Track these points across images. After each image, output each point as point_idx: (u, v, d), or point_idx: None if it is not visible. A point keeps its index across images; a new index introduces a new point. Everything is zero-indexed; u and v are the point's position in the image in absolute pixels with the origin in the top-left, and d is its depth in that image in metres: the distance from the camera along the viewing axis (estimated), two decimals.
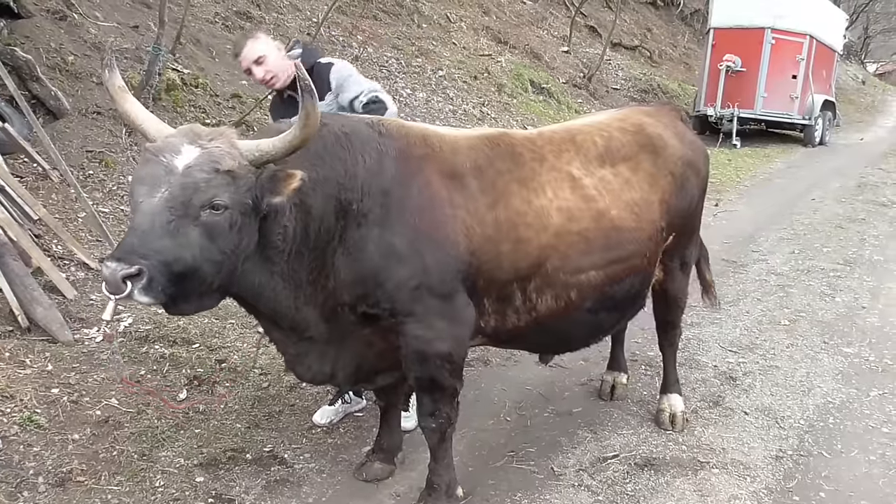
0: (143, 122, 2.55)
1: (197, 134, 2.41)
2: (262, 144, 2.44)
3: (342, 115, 3.29)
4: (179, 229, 2.29)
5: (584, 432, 3.88)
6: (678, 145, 3.54)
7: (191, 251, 2.31)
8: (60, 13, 7.19)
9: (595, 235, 3.11)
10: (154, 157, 2.34)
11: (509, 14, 16.57)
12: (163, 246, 2.26)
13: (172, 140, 2.38)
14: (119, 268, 2.19)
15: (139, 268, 2.20)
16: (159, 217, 2.26)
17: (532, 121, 12.04)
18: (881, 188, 11.26)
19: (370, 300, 2.75)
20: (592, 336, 3.48)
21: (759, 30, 15.23)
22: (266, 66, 3.46)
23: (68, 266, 4.97)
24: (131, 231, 2.29)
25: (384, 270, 2.72)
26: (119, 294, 2.21)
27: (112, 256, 2.23)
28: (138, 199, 2.32)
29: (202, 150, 2.35)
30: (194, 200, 2.30)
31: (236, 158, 2.37)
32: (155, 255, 2.24)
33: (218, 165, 2.33)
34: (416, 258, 2.74)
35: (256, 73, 3.47)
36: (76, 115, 6.36)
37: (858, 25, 35.93)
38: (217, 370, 4.18)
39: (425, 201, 2.79)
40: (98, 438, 3.48)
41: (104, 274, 2.20)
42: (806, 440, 3.88)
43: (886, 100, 27.93)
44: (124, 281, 2.19)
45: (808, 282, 6.57)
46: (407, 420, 3.74)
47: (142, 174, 2.36)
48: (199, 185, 2.30)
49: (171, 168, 2.31)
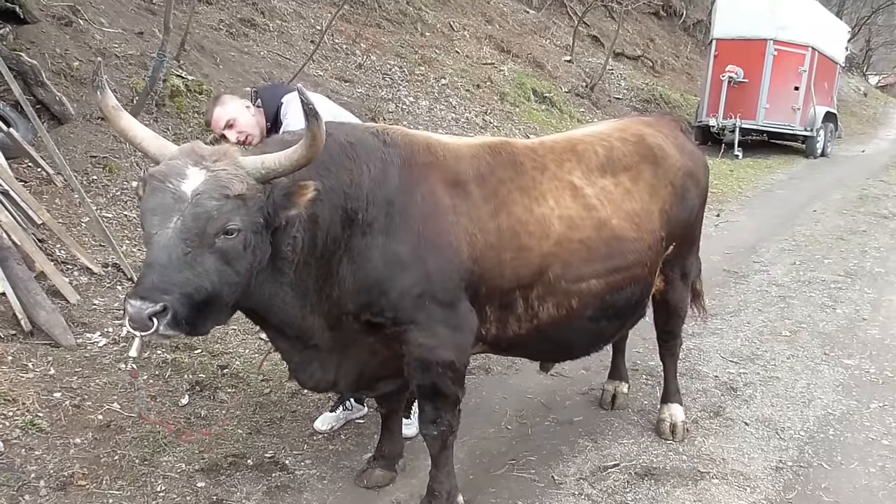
0: (143, 140, 2.51)
1: (200, 155, 2.38)
2: (267, 162, 2.42)
3: (347, 123, 3.31)
4: (196, 259, 2.29)
5: (585, 441, 3.88)
6: (678, 156, 3.56)
7: (209, 279, 2.32)
8: (66, 19, 7.24)
9: (596, 244, 3.12)
10: (161, 185, 2.30)
11: (512, 23, 16.64)
12: (183, 279, 2.26)
13: (176, 163, 2.35)
14: (144, 306, 2.19)
15: (164, 304, 2.21)
16: (175, 250, 2.25)
17: (534, 130, 12.08)
18: (882, 200, 11.28)
19: (374, 308, 2.77)
20: (593, 344, 3.48)
21: (761, 41, 15.30)
22: (238, 127, 3.44)
23: (71, 270, 4.98)
24: (149, 266, 2.26)
25: (388, 279, 2.73)
26: (146, 332, 2.23)
27: (134, 294, 2.22)
28: (151, 230, 2.29)
29: (209, 174, 2.33)
30: (208, 229, 2.29)
31: (244, 180, 2.36)
32: (176, 289, 2.25)
33: (227, 191, 2.32)
34: (419, 266, 2.76)
35: (230, 136, 3.44)
36: (80, 121, 6.39)
37: (860, 38, 36.02)
38: (219, 376, 4.19)
39: (429, 209, 2.81)
40: (100, 443, 3.48)
41: (129, 312, 2.21)
42: (806, 451, 3.88)
43: (888, 112, 28.00)
44: (150, 319, 2.20)
45: (809, 293, 6.58)
46: (408, 427, 3.75)
47: (151, 204, 2.32)
48: (212, 213, 2.29)
49: (179, 195, 2.28)
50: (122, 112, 2.52)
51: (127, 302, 2.23)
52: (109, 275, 5.10)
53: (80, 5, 7.62)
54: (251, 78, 8.75)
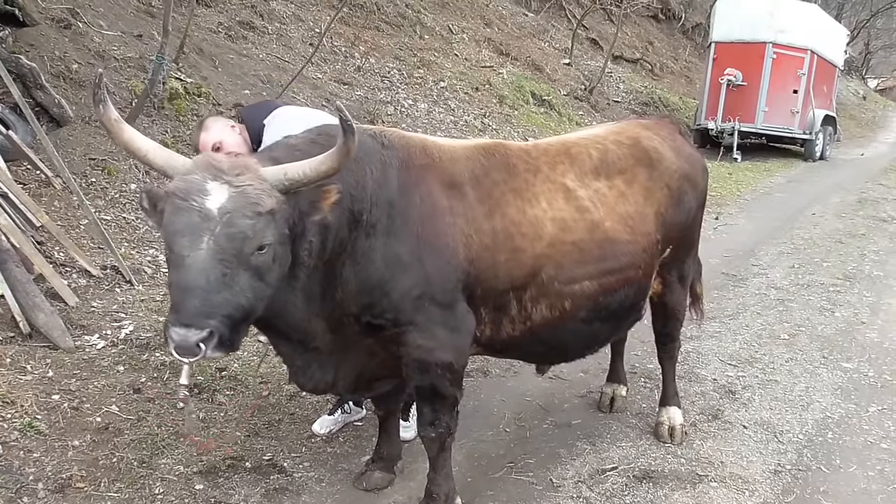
0: (147, 153, 2.43)
1: (219, 168, 2.32)
2: (290, 173, 2.39)
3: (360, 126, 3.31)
4: (233, 279, 2.26)
5: (583, 444, 3.88)
6: (674, 159, 3.57)
7: (245, 296, 2.30)
8: (65, 21, 7.24)
9: (589, 246, 3.13)
10: (184, 203, 2.24)
11: (511, 26, 16.67)
12: (223, 300, 2.24)
13: (195, 179, 2.29)
14: (190, 334, 2.17)
15: (210, 330, 2.20)
16: (213, 272, 2.21)
17: (533, 132, 12.09)
18: (881, 204, 11.30)
19: (376, 310, 2.77)
20: (587, 347, 3.48)
21: (760, 44, 15.33)
22: (225, 149, 3.39)
23: (70, 273, 4.98)
24: (187, 291, 2.20)
25: (390, 280, 2.74)
26: (193, 358, 2.22)
27: (178, 322, 2.19)
28: (182, 252, 2.22)
29: (234, 190, 2.27)
30: (245, 249, 2.27)
31: (271, 194, 2.33)
32: (218, 311, 2.23)
33: (259, 208, 2.28)
34: (418, 267, 2.76)
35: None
36: (79, 123, 6.39)
37: (859, 41, 36.09)
38: (217, 378, 4.19)
39: (427, 210, 2.82)
40: (98, 445, 3.48)
41: (175, 341, 2.18)
42: (805, 455, 3.88)
43: (887, 115, 28.06)
44: (198, 345, 2.18)
45: (808, 296, 6.58)
46: (406, 430, 3.75)
47: (178, 225, 2.24)
48: (247, 232, 2.25)
49: (206, 213, 2.23)
50: (123, 124, 2.45)
51: (171, 330, 2.19)
52: (108, 277, 5.10)
53: (80, 8, 7.62)
54: (250, 80, 8.77)
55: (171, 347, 2.22)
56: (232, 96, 8.20)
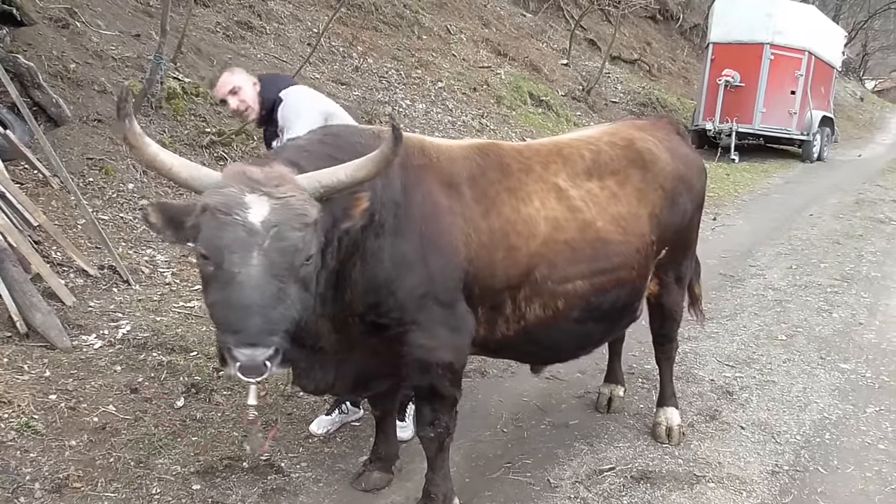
0: (172, 167, 2.33)
1: (254, 179, 2.25)
2: (325, 180, 2.37)
3: (350, 125, 3.31)
4: (286, 292, 2.22)
5: (581, 444, 3.88)
6: (669, 160, 3.57)
7: (295, 308, 2.27)
8: (63, 21, 7.23)
9: (581, 245, 3.14)
10: (227, 217, 2.17)
11: (509, 27, 16.67)
12: (280, 315, 2.20)
13: (232, 192, 2.22)
14: (257, 353, 2.13)
15: (275, 347, 2.17)
16: (268, 288, 2.17)
17: (531, 133, 12.09)
18: (879, 205, 11.31)
19: (382, 308, 2.76)
20: (581, 347, 3.48)
21: (758, 45, 15.34)
22: (240, 96, 3.53)
23: (67, 272, 4.97)
24: (246, 309, 2.14)
25: (396, 279, 2.74)
26: (260, 377, 2.19)
27: (242, 343, 2.14)
28: (232, 269, 2.15)
29: (276, 202, 2.22)
30: (296, 262, 2.24)
31: (313, 203, 2.30)
32: (278, 327, 2.20)
33: (306, 218, 2.25)
34: (422, 266, 2.77)
35: (231, 102, 3.53)
36: (77, 123, 6.38)
37: (857, 42, 36.14)
38: (215, 378, 4.18)
39: (429, 210, 2.82)
40: (95, 445, 3.48)
41: (240, 362, 2.14)
42: (802, 455, 3.88)
43: (885, 116, 28.10)
44: (265, 364, 2.15)
45: (806, 297, 6.59)
46: (403, 430, 3.75)
47: (226, 241, 2.17)
48: (297, 245, 2.22)
49: (251, 228, 2.17)
50: (147, 139, 2.35)
51: (235, 352, 2.14)
52: (105, 277, 5.09)
53: (77, 7, 7.61)
54: None
55: (234, 369, 2.17)
56: None
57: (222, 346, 2.24)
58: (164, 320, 4.72)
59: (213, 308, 2.25)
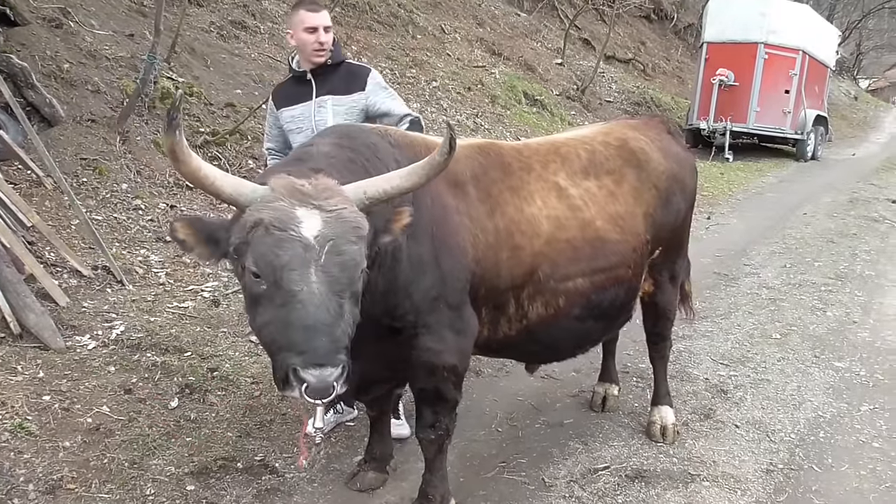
0: (215, 180, 2.22)
1: (303, 192, 2.18)
2: (370, 191, 2.31)
3: (360, 126, 3.25)
4: (345, 308, 2.17)
5: (575, 444, 3.88)
6: (662, 160, 3.58)
7: (350, 324, 2.21)
8: (56, 21, 7.20)
9: (581, 244, 3.15)
10: (285, 234, 2.10)
11: (503, 26, 16.68)
12: (342, 332, 2.15)
13: (283, 205, 2.14)
14: (327, 373, 2.07)
15: (343, 365, 2.11)
16: (331, 305, 2.11)
17: (525, 132, 12.10)
18: (873, 203, 11.35)
19: (399, 311, 2.74)
20: (579, 346, 3.50)
21: (752, 44, 15.39)
22: (329, 36, 3.56)
23: (61, 273, 4.95)
24: (312, 329, 2.07)
25: (414, 281, 2.72)
26: (328, 398, 2.12)
27: (311, 363, 2.07)
28: (293, 287, 2.08)
29: (328, 215, 2.16)
30: (354, 275, 2.20)
31: (363, 217, 2.25)
32: (342, 344, 2.14)
33: (361, 231, 2.21)
34: (435, 268, 2.76)
35: (322, 37, 3.52)
36: (71, 123, 6.35)
37: (851, 42, 36.29)
38: (209, 378, 4.17)
39: (439, 210, 2.82)
40: (89, 446, 3.46)
41: (312, 384, 2.07)
42: (797, 454, 3.89)
43: (878, 115, 28.23)
44: (334, 384, 2.09)
45: (800, 296, 6.61)
46: (400, 427, 3.74)
47: (285, 259, 2.09)
48: (356, 258, 2.18)
49: (306, 244, 2.10)
50: (193, 153, 2.21)
51: (303, 373, 2.07)
52: (99, 277, 5.07)
53: (71, 7, 7.58)
54: (241, 80, 8.74)
55: (299, 391, 2.09)
56: (224, 95, 8.18)
57: (283, 368, 2.13)
58: (158, 321, 4.71)
59: (268, 328, 2.17)
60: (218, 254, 2.29)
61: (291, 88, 3.71)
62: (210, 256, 2.30)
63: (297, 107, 3.64)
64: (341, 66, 3.64)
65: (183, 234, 2.25)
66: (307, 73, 3.62)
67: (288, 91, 3.74)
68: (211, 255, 2.30)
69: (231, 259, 2.27)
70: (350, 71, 3.64)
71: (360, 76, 3.61)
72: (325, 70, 3.60)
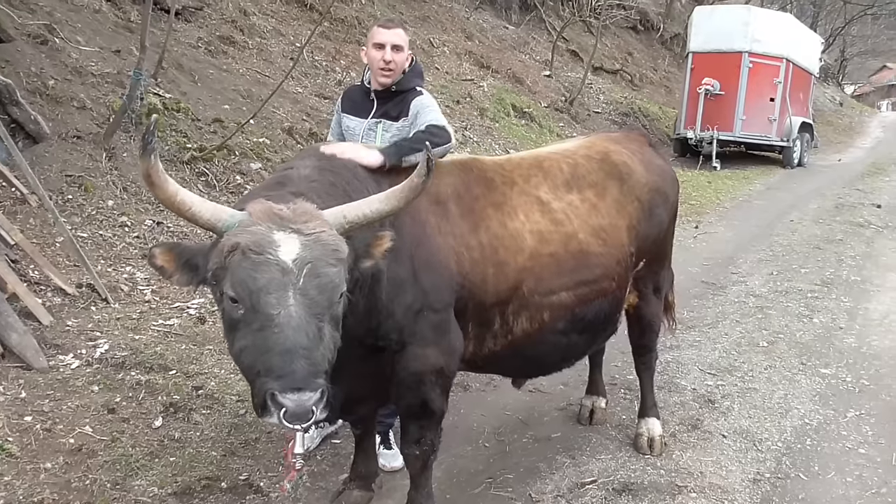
0: (192, 206, 2.21)
1: (281, 217, 2.18)
2: (350, 215, 2.30)
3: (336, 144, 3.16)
4: (324, 331, 2.15)
5: (563, 458, 3.87)
6: (644, 172, 3.60)
7: (330, 348, 2.18)
8: (42, 37, 7.18)
9: (565, 258, 3.15)
10: (262, 257, 2.09)
11: (492, 39, 16.76)
12: (321, 356, 2.12)
13: (260, 230, 2.14)
14: (305, 397, 2.02)
15: (322, 389, 2.07)
16: (310, 328, 2.08)
17: (514, 144, 12.13)
18: (858, 209, 11.42)
19: (381, 330, 2.73)
20: (564, 360, 3.49)
21: (736, 54, 15.54)
22: (399, 56, 3.39)
23: (45, 291, 4.92)
24: (289, 353, 2.04)
25: (394, 300, 2.71)
26: (307, 423, 2.07)
27: (289, 388, 2.02)
28: (270, 311, 2.06)
29: (306, 239, 2.15)
30: (333, 298, 2.17)
31: (342, 240, 2.23)
32: (321, 368, 2.11)
33: (339, 254, 2.19)
34: (414, 284, 2.76)
35: (389, 55, 3.36)
36: (56, 140, 6.33)
37: (835, 48, 36.66)
38: (194, 397, 4.14)
39: (419, 230, 2.82)
40: (71, 467, 3.43)
41: (290, 408, 2.02)
42: (783, 462, 3.89)
43: (864, 121, 28.47)
44: (313, 408, 2.04)
45: (787, 303, 6.63)
46: (395, 459, 3.69)
47: (262, 283, 2.07)
48: (335, 280, 2.16)
49: (283, 267, 2.08)
50: (169, 179, 2.21)
51: (281, 398, 2.02)
52: (83, 295, 5.04)
53: (57, 24, 7.56)
54: (230, 95, 8.74)
55: (278, 416, 2.04)
56: (211, 111, 8.17)
57: (261, 393, 2.09)
58: (143, 339, 4.68)
59: (246, 353, 2.14)
60: (196, 280, 2.27)
61: (358, 97, 3.61)
62: (189, 282, 2.28)
63: (354, 119, 3.56)
64: (397, 93, 3.46)
65: (161, 260, 2.24)
66: (370, 93, 3.52)
67: (354, 97, 3.63)
68: (190, 281, 2.28)
69: (209, 285, 2.25)
70: (405, 97, 3.45)
71: (407, 101, 3.42)
72: (388, 93, 3.47)
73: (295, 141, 8.53)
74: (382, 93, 3.49)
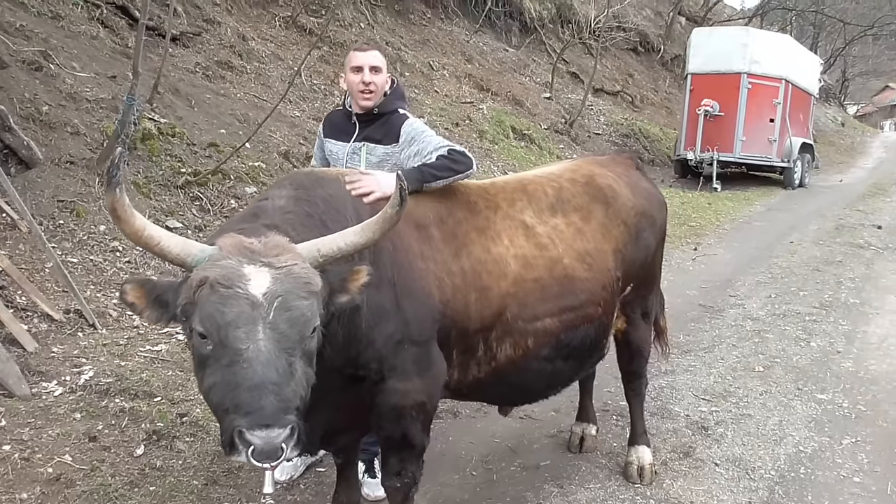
0: (160, 241, 2.18)
1: (251, 250, 2.14)
2: (324, 248, 2.26)
3: (317, 174, 3.07)
4: (294, 366, 2.08)
5: (551, 487, 3.80)
6: (630, 196, 3.56)
7: (302, 384, 2.11)
8: (36, 63, 7.22)
9: (549, 283, 3.10)
10: (230, 291, 2.04)
11: (491, 61, 16.85)
12: (292, 392, 2.05)
13: (230, 264, 2.09)
14: (274, 434, 1.96)
15: (291, 426, 2.00)
16: (279, 362, 2.03)
17: (513, 167, 12.14)
18: (858, 230, 11.36)
19: (361, 360, 2.67)
20: (550, 387, 3.42)
21: (735, 75, 15.59)
22: (378, 77, 3.40)
23: (31, 317, 4.89)
24: (258, 388, 1.97)
25: (374, 329, 2.65)
26: (277, 461, 2.00)
27: (256, 424, 1.95)
28: (238, 346, 2.01)
29: (277, 272, 2.10)
30: (305, 332, 2.12)
31: (316, 273, 2.18)
32: (292, 404, 2.04)
33: (311, 287, 2.14)
34: (397, 313, 2.71)
35: (368, 77, 3.37)
36: (49, 165, 6.33)
37: (836, 69, 36.78)
38: (178, 424, 4.09)
39: (401, 257, 2.77)
40: (48, 497, 3.37)
41: (258, 445, 1.95)
42: (776, 492, 3.81)
43: (865, 141, 28.48)
44: (282, 446, 1.98)
45: (784, 327, 6.56)
46: (379, 489, 3.61)
47: (230, 317, 2.02)
48: (306, 314, 2.10)
49: (253, 301, 2.03)
50: (135, 212, 2.17)
51: (249, 435, 1.95)
52: (71, 321, 5.00)
53: (52, 50, 7.61)
54: (226, 119, 8.77)
55: (246, 454, 1.97)
56: (207, 136, 8.19)
57: (229, 431, 2.02)
58: (129, 365, 4.63)
59: (215, 390, 2.07)
60: (167, 316, 2.21)
61: (339, 121, 3.61)
62: (159, 319, 2.22)
63: (336, 143, 3.55)
64: (381, 116, 3.45)
65: (132, 296, 2.19)
66: (352, 116, 3.51)
67: (336, 122, 3.63)
68: (160, 318, 2.22)
69: (180, 321, 2.20)
70: (389, 120, 3.43)
71: (394, 126, 3.38)
72: (370, 116, 3.46)
73: (291, 164, 8.53)
74: (364, 116, 3.48)
